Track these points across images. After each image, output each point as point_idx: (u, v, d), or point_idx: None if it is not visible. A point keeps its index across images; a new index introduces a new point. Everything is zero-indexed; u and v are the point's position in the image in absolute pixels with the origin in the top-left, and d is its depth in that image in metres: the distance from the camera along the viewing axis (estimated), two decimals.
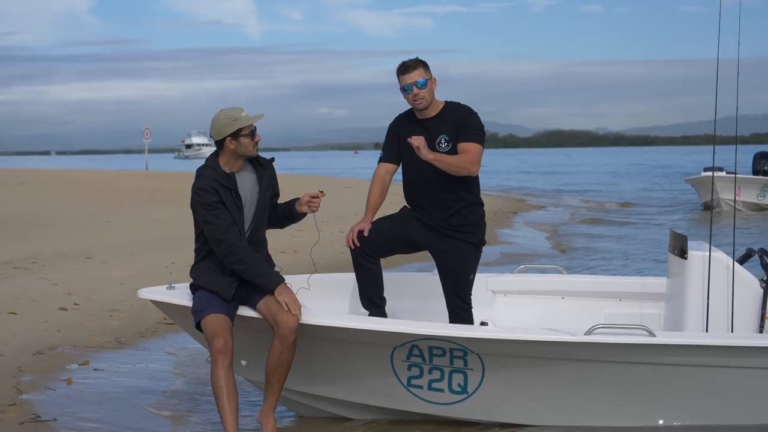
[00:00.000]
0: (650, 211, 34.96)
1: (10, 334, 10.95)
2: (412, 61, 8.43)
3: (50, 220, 26.26)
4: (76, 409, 8.58)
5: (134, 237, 21.48)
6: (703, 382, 7.86)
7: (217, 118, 7.77)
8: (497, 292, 9.78)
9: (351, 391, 8.20)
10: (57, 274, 15.31)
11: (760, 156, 33.10)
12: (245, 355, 8.05)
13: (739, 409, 7.94)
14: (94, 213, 29.16)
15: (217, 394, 7.58)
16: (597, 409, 8.01)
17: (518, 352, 7.82)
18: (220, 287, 7.72)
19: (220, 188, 7.66)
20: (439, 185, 8.43)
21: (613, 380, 7.88)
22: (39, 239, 20.92)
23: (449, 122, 8.44)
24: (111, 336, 11.29)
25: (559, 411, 8.05)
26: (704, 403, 7.93)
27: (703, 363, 7.79)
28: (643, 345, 7.71)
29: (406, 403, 8.14)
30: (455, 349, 7.83)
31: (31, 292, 13.63)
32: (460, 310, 8.54)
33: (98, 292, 13.68)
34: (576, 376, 7.88)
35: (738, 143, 10.03)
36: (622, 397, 7.95)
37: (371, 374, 8.07)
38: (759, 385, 7.87)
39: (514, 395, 8.00)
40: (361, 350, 7.98)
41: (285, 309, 7.56)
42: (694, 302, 8.60)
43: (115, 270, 15.77)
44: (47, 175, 62.20)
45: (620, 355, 7.77)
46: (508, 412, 8.09)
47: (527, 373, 7.90)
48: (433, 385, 8.01)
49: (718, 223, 13.17)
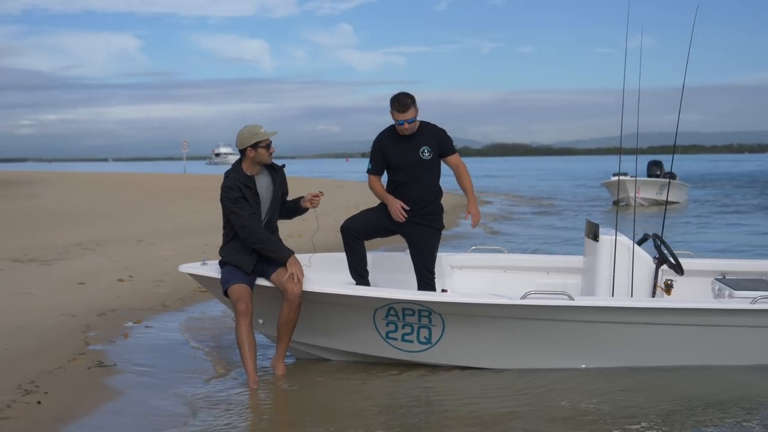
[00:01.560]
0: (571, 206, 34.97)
1: (80, 300, 10.91)
2: (406, 101, 8.33)
3: (109, 212, 26.17)
4: (132, 357, 8.54)
5: (175, 224, 21.41)
6: (611, 335, 7.94)
7: (241, 133, 7.80)
8: (454, 267, 9.85)
9: (343, 342, 8.25)
10: (115, 253, 15.25)
11: (652, 163, 33.33)
12: (262, 315, 8.10)
13: (639, 354, 8.04)
14: (143, 206, 29.07)
15: (240, 345, 7.64)
16: (532, 355, 8.05)
17: (471, 312, 7.88)
18: (243, 263, 7.77)
19: (243, 187, 7.70)
20: (419, 186, 8.53)
21: (543, 333, 7.94)
22: (101, 226, 20.84)
23: (430, 138, 8.53)
24: (158, 301, 11.26)
25: (503, 357, 8.07)
26: (613, 351, 8.01)
27: (610, 320, 7.89)
28: (565, 306, 7.80)
29: (384, 351, 8.18)
30: (422, 310, 7.88)
31: (96, 267, 13.57)
32: (427, 280, 8.58)
33: (147, 267, 13.64)
34: (515, 330, 7.93)
35: (638, 154, 10.10)
36: (551, 346, 8.01)
37: (358, 329, 8.11)
38: (652, 336, 7.96)
39: (468, 345, 8.04)
40: (350, 311, 8.02)
41: (293, 279, 7.63)
42: (603, 274, 8.70)
43: (161, 250, 15.72)
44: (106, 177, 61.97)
45: (548, 314, 7.85)
46: (463, 357, 8.11)
47: (477, 328, 7.94)
48: (406, 338, 8.06)
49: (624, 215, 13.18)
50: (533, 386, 7.66)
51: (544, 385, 7.67)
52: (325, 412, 7.09)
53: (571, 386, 7.68)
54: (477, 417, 6.96)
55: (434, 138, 8.55)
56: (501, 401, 7.33)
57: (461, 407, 7.18)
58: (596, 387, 7.64)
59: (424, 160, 8.47)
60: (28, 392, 7.14)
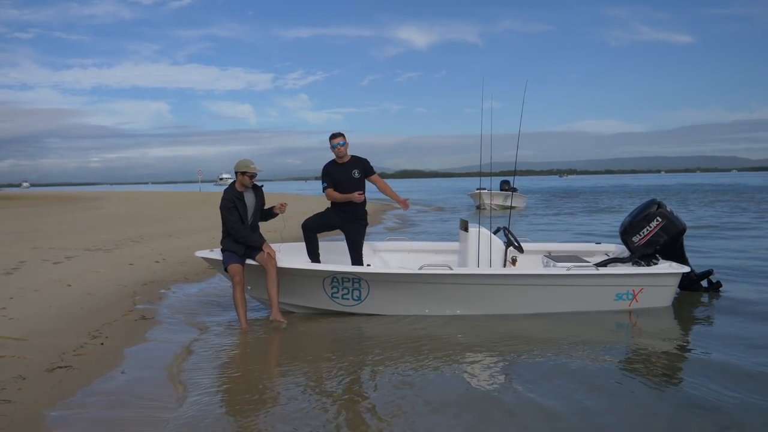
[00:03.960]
0: (449, 209, 35.24)
1: (130, 275, 10.77)
2: (338, 132, 8.42)
3: (149, 217, 25.75)
4: (165, 312, 8.47)
5: (193, 225, 21.18)
6: (477, 292, 8.00)
7: (239, 161, 7.80)
8: (376, 250, 9.84)
9: (303, 300, 8.21)
10: (153, 244, 15.06)
11: (503, 182, 33.60)
12: (250, 283, 8.05)
13: (495, 305, 8.06)
14: (172, 213, 28.65)
15: (235, 304, 7.66)
16: (425, 306, 8.08)
17: (386, 279, 7.93)
18: (236, 249, 7.75)
19: (235, 200, 7.69)
20: None
21: (433, 293, 7.98)
22: (144, 226, 20.53)
23: (358, 165, 8.55)
24: (182, 276, 11.16)
25: (408, 307, 8.09)
26: (477, 303, 8.05)
27: (476, 282, 7.96)
28: (447, 274, 7.88)
29: (331, 306, 8.17)
30: (354, 279, 7.93)
31: (140, 253, 13.39)
32: (357, 259, 8.59)
33: (174, 253, 13.50)
34: (414, 291, 7.98)
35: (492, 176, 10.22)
36: (437, 301, 8.04)
37: (313, 291, 8.10)
38: (503, 293, 8.03)
39: (385, 301, 8.06)
40: (307, 280, 8.01)
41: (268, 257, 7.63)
42: (471, 254, 8.74)
43: (184, 242, 15.56)
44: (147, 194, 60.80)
45: (436, 280, 7.90)
46: (382, 309, 8.12)
47: (390, 289, 7.98)
48: (344, 297, 8.08)
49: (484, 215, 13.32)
50: (426, 324, 7.74)
51: (434, 323, 7.76)
52: (292, 343, 7.15)
53: (447, 323, 7.78)
54: (391, 342, 7.06)
55: (361, 165, 8.56)
56: (408, 333, 7.42)
57: (381, 338, 7.27)
58: (464, 324, 7.73)
59: (355, 179, 8.47)
60: (95, 337, 7.09)
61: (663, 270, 8.35)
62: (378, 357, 6.55)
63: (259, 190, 8.01)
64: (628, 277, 8.19)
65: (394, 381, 5.85)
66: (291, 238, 9.53)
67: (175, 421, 4.95)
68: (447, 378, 5.93)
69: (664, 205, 9.05)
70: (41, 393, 5.38)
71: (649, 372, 6.04)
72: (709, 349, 6.69)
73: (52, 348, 6.54)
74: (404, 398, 5.44)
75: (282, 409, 5.22)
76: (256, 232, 7.92)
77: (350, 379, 5.93)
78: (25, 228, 19.89)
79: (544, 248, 9.72)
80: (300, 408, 5.21)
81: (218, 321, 8.12)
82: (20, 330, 7.08)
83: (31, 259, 12.00)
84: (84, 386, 5.61)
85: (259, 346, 7.14)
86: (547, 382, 5.75)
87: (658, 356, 6.54)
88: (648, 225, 8.85)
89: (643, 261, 8.78)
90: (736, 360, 6.26)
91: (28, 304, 8.28)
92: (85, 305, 8.49)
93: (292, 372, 6.14)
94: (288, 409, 5.21)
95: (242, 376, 6.05)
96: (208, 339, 7.27)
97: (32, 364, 6.04)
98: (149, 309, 8.63)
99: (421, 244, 10.19)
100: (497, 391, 5.59)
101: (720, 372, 5.90)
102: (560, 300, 8.10)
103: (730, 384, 5.59)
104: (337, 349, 6.89)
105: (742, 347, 6.69)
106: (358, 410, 5.21)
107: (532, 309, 8.06)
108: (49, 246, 14.23)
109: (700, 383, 5.64)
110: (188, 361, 6.45)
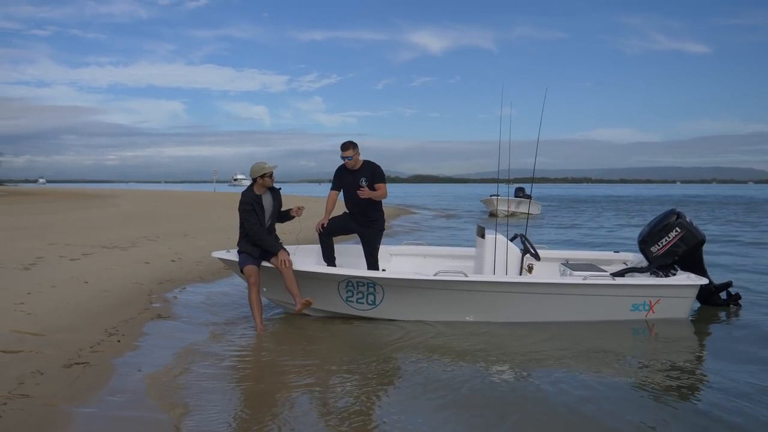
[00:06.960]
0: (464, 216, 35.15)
1: (146, 273, 10.83)
2: (347, 145, 8.40)
3: (165, 215, 25.89)
4: (181, 311, 8.52)
5: (208, 225, 21.27)
6: (491, 299, 7.96)
7: (252, 167, 7.79)
8: (392, 254, 9.82)
9: (319, 303, 8.15)
10: (169, 243, 15.13)
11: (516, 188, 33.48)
12: (265, 285, 8.09)
13: (509, 312, 8.02)
14: (187, 212, 28.78)
15: (251, 304, 7.67)
16: (440, 312, 8.03)
17: (400, 284, 7.91)
18: (252, 251, 7.77)
19: (253, 203, 7.71)
20: (360, 202, 8.53)
21: (449, 298, 7.95)
22: (160, 225, 20.64)
23: (367, 172, 8.51)
24: (197, 275, 11.22)
25: (422, 312, 8.06)
26: (492, 310, 8.01)
27: (492, 290, 7.92)
28: (462, 281, 7.86)
29: (345, 309, 8.17)
30: (369, 283, 7.93)
31: (156, 252, 13.47)
32: (373, 263, 8.61)
33: (190, 253, 13.56)
34: (430, 296, 7.95)
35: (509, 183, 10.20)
36: (453, 306, 8.00)
37: (328, 295, 8.10)
38: (519, 300, 7.98)
39: (399, 306, 8.04)
40: (323, 283, 8.01)
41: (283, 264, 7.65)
42: (488, 261, 8.68)
43: (199, 241, 15.63)
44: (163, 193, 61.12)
45: (451, 286, 7.88)
46: (396, 314, 8.09)
47: (405, 294, 7.96)
48: (358, 301, 8.08)
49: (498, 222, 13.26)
50: (438, 330, 7.72)
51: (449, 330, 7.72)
52: (308, 344, 7.16)
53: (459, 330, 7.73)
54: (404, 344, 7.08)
55: (370, 171, 8.51)
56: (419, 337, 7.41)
57: (393, 340, 7.28)
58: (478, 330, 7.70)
59: (361, 186, 8.49)
60: (112, 334, 7.13)
61: (680, 281, 8.28)
62: (393, 364, 6.54)
63: (277, 192, 8.03)
64: (645, 288, 8.14)
65: (408, 387, 5.84)
66: (306, 240, 9.55)
67: (187, 423, 4.96)
68: (462, 384, 5.91)
69: (684, 215, 9.01)
70: (59, 388, 5.43)
71: (664, 386, 5.98)
72: (725, 365, 6.60)
73: (70, 344, 6.60)
74: (416, 398, 5.46)
75: (294, 414, 5.22)
76: (273, 235, 7.95)
77: (364, 389, 5.84)
78: (42, 224, 20.06)
79: (561, 256, 9.68)
80: (308, 413, 5.22)
81: (234, 322, 8.14)
82: (38, 325, 7.14)
83: (49, 255, 12.10)
84: (101, 383, 5.65)
85: (275, 349, 7.14)
86: (558, 389, 5.73)
87: (674, 369, 6.49)
88: (667, 235, 8.81)
89: (662, 271, 8.73)
90: (754, 380, 6.13)
91: (45, 299, 8.34)
92: (102, 302, 8.54)
93: (306, 377, 6.13)
94: (298, 413, 5.22)
95: (256, 378, 6.06)
96: (223, 340, 7.29)
97: (50, 359, 6.09)
98: (165, 307, 8.66)
99: (438, 249, 10.14)
100: (506, 397, 5.58)
101: (737, 390, 5.80)
102: (575, 309, 8.05)
103: (749, 403, 5.49)
104: (352, 348, 6.92)
105: (761, 364, 6.61)
106: (371, 426, 5.16)
107: (547, 317, 8.01)
108: (66, 242, 14.33)
109: (716, 399, 5.57)
110: (203, 361, 6.47)
